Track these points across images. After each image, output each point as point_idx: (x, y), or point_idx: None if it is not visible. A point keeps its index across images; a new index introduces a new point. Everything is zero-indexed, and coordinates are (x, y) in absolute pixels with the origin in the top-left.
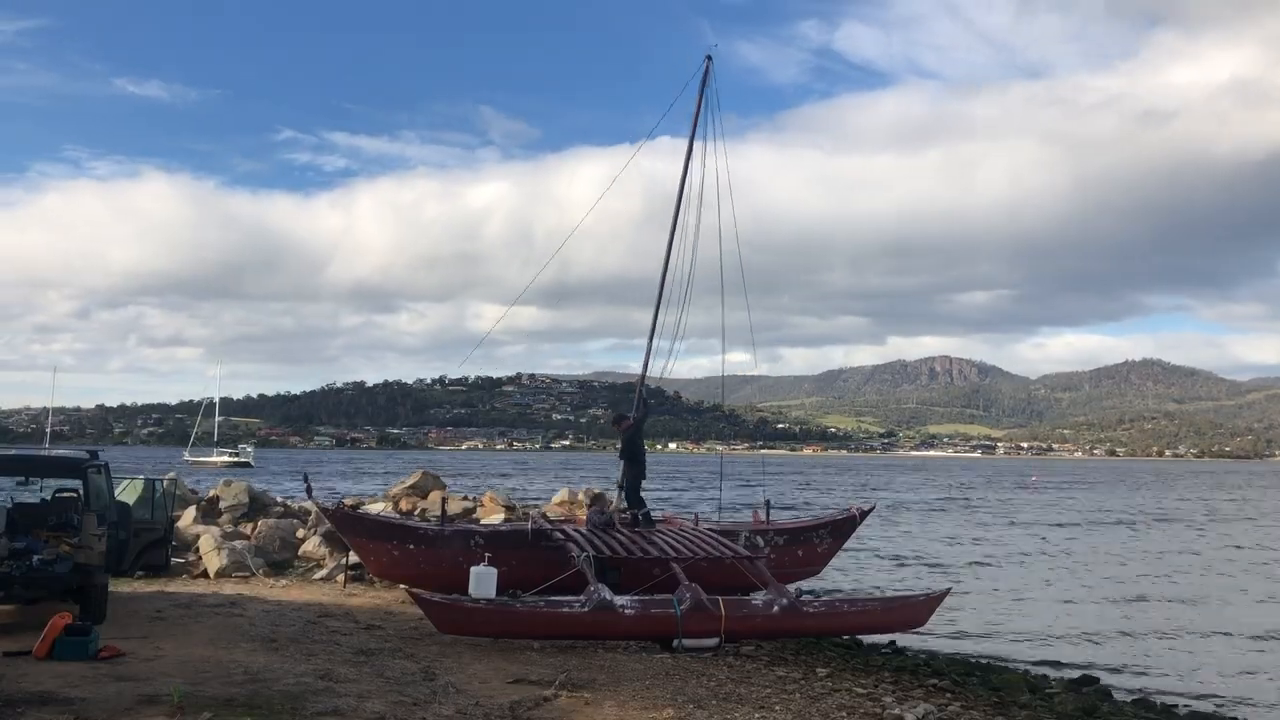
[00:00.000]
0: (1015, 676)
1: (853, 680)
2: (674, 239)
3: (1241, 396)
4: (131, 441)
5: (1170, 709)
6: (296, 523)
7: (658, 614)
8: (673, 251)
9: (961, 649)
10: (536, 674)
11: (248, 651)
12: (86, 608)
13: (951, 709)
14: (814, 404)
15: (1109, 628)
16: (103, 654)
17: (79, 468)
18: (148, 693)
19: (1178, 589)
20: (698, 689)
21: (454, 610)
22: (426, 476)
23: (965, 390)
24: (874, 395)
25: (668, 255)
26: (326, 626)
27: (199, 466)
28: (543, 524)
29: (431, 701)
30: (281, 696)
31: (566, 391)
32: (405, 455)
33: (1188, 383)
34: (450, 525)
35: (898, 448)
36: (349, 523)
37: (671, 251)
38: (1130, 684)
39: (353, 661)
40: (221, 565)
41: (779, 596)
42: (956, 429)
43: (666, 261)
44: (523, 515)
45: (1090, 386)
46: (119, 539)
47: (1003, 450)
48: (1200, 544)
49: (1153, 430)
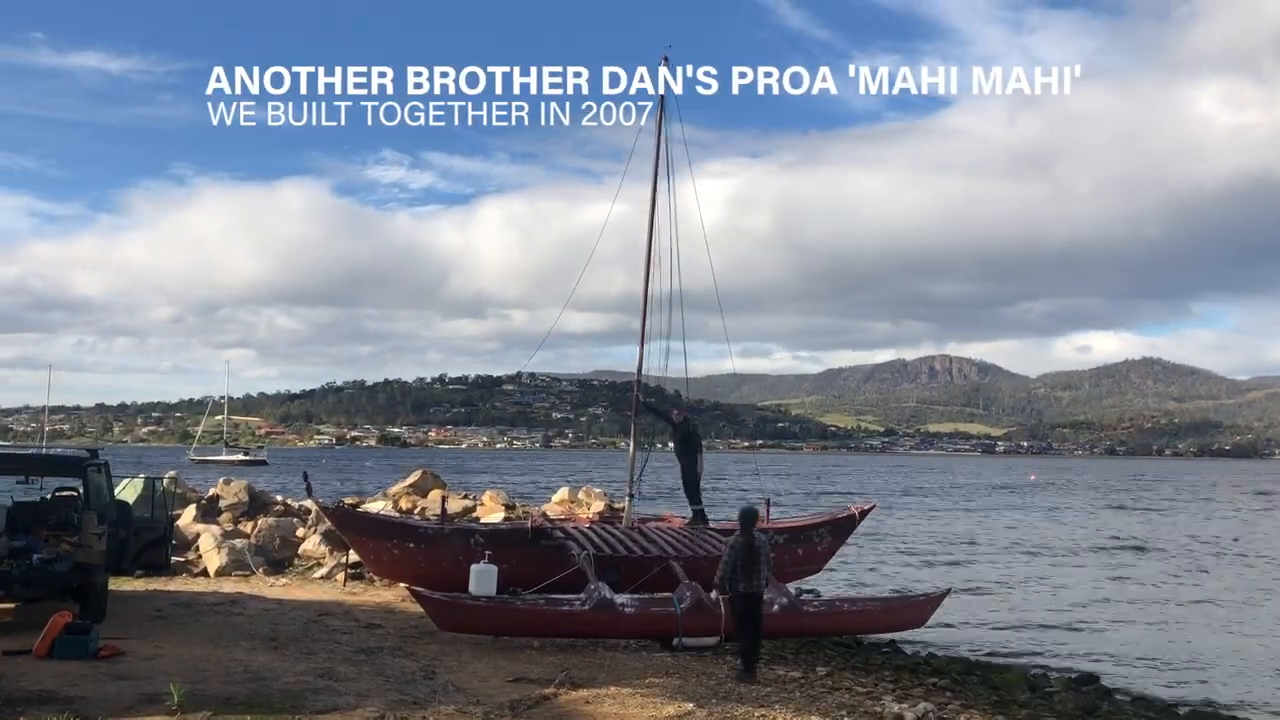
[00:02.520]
0: (1015, 675)
1: (852, 679)
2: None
3: (1241, 395)
4: (131, 441)
5: (1170, 708)
6: (296, 521)
7: (658, 612)
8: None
9: (961, 648)
10: (536, 672)
11: (248, 650)
12: (86, 607)
13: (951, 708)
14: (814, 403)
15: (1109, 627)
16: (103, 653)
17: (79, 466)
18: (148, 691)
19: (1178, 589)
20: (698, 688)
21: (454, 608)
22: (426, 475)
23: (965, 389)
24: (874, 394)
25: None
26: (326, 625)
27: (206, 465)
28: (543, 522)
29: (431, 700)
30: (281, 695)
31: (566, 390)
32: (405, 453)
33: (1187, 381)
34: (450, 524)
35: (897, 447)
36: (349, 521)
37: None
38: (1130, 683)
39: (353, 660)
40: (221, 564)
41: (779, 595)
42: (956, 428)
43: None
44: (523, 514)
45: (1090, 385)
46: (119, 538)
47: (1003, 449)
48: (1200, 544)
49: (1153, 429)
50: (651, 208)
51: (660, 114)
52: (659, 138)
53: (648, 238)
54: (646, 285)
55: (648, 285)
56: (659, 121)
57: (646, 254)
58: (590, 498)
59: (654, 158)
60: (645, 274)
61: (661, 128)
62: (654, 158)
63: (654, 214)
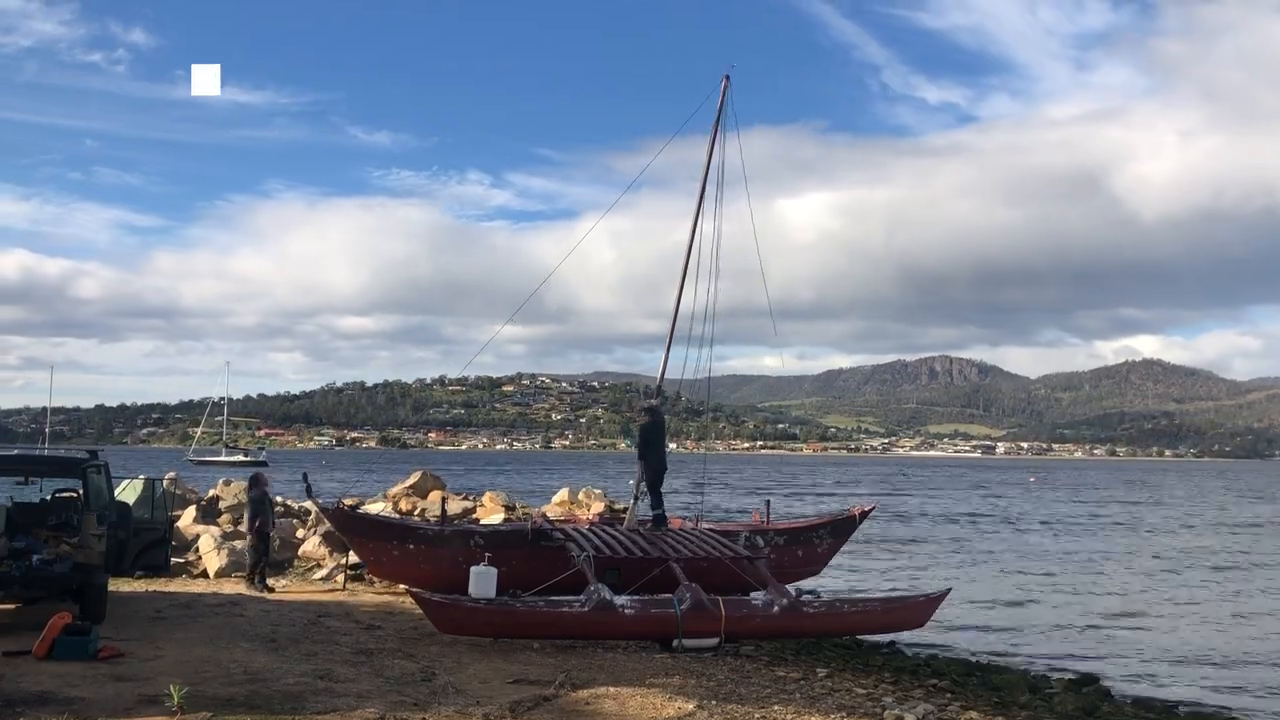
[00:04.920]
0: (1015, 676)
1: (853, 680)
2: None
3: (1241, 396)
4: (131, 442)
5: (1170, 709)
6: (296, 522)
7: (658, 614)
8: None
9: (961, 649)
10: (536, 674)
11: (247, 651)
12: (86, 607)
13: (951, 709)
14: (814, 404)
15: (1109, 628)
16: (102, 654)
17: (78, 467)
18: (147, 693)
19: (1179, 589)
20: (697, 689)
21: (454, 610)
22: (426, 476)
23: (965, 390)
24: (874, 395)
25: (685, 272)
26: (326, 626)
27: (207, 467)
28: (543, 524)
29: (431, 701)
30: (281, 696)
31: (566, 392)
32: (405, 454)
33: (1188, 383)
34: (450, 525)
35: (897, 448)
36: (348, 522)
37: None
38: (1130, 684)
39: (352, 661)
40: (221, 565)
41: (779, 596)
42: (957, 429)
43: (683, 279)
44: (523, 515)
45: (1090, 386)
46: (119, 539)
47: (1003, 450)
48: (1200, 545)
49: (1153, 430)
50: (694, 220)
51: (715, 130)
52: (709, 152)
53: (686, 251)
54: (679, 296)
55: (680, 297)
56: (711, 139)
57: (684, 265)
58: (590, 499)
59: (703, 170)
60: (680, 285)
61: (714, 142)
62: (703, 170)
63: (697, 225)
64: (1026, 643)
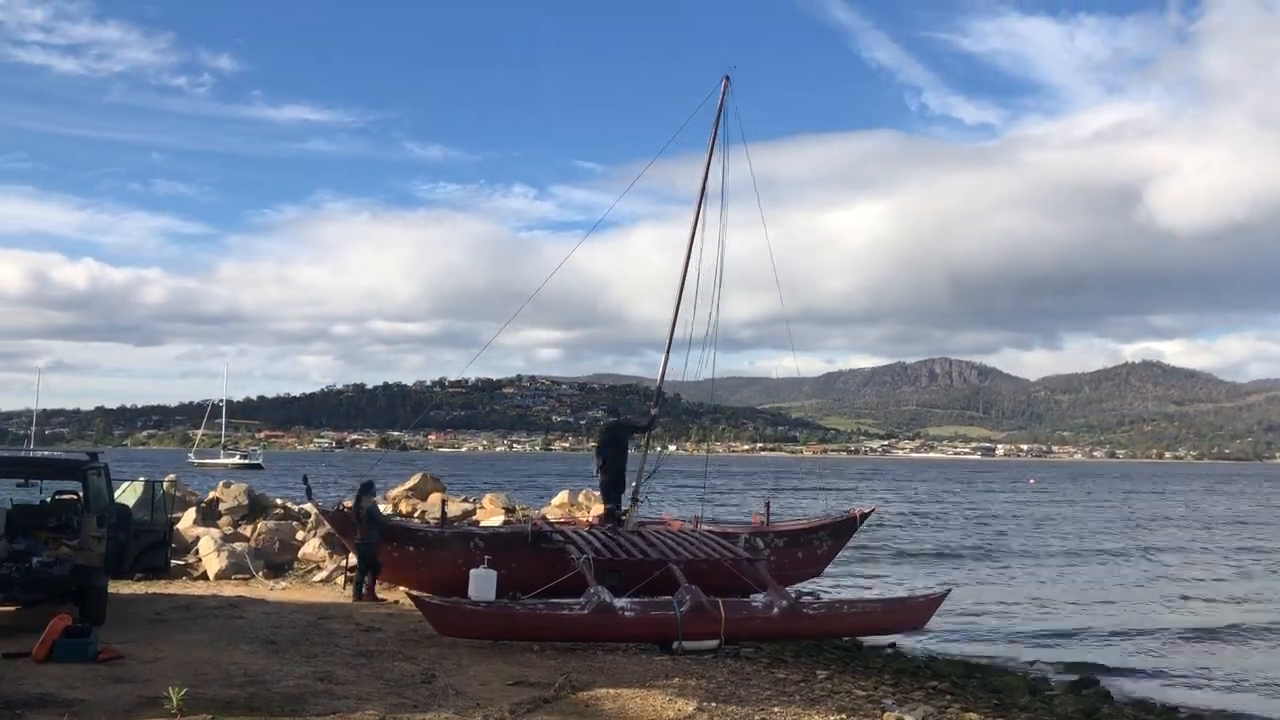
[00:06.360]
0: (1015, 678)
1: (852, 682)
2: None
3: (1241, 398)
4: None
5: (1170, 710)
6: (296, 525)
7: (657, 616)
8: (691, 263)
9: (962, 651)
10: (536, 676)
11: (247, 654)
12: (86, 610)
13: (951, 711)
14: (814, 406)
15: (1109, 629)
16: (102, 656)
17: (78, 469)
18: (147, 695)
19: (1178, 589)
20: (697, 691)
21: (453, 612)
22: (426, 479)
23: (965, 392)
24: (873, 397)
25: (684, 273)
26: (326, 629)
27: (205, 469)
28: (542, 526)
29: (431, 704)
30: (281, 698)
31: (566, 394)
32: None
33: (1187, 384)
34: (450, 527)
35: (897, 450)
36: (349, 525)
37: (689, 266)
38: (1130, 686)
39: (352, 664)
40: (221, 567)
41: (779, 598)
42: (956, 431)
43: (684, 280)
44: (522, 517)
45: (1090, 389)
46: (119, 541)
47: (1002, 452)
48: (1199, 546)
49: (1152, 432)
50: (693, 227)
51: (715, 131)
52: (709, 154)
53: (685, 255)
54: (679, 302)
55: (679, 303)
56: (712, 139)
57: (683, 270)
58: (590, 501)
59: (703, 172)
60: (679, 289)
61: (714, 144)
62: (703, 172)
63: (696, 231)
64: (1027, 644)
